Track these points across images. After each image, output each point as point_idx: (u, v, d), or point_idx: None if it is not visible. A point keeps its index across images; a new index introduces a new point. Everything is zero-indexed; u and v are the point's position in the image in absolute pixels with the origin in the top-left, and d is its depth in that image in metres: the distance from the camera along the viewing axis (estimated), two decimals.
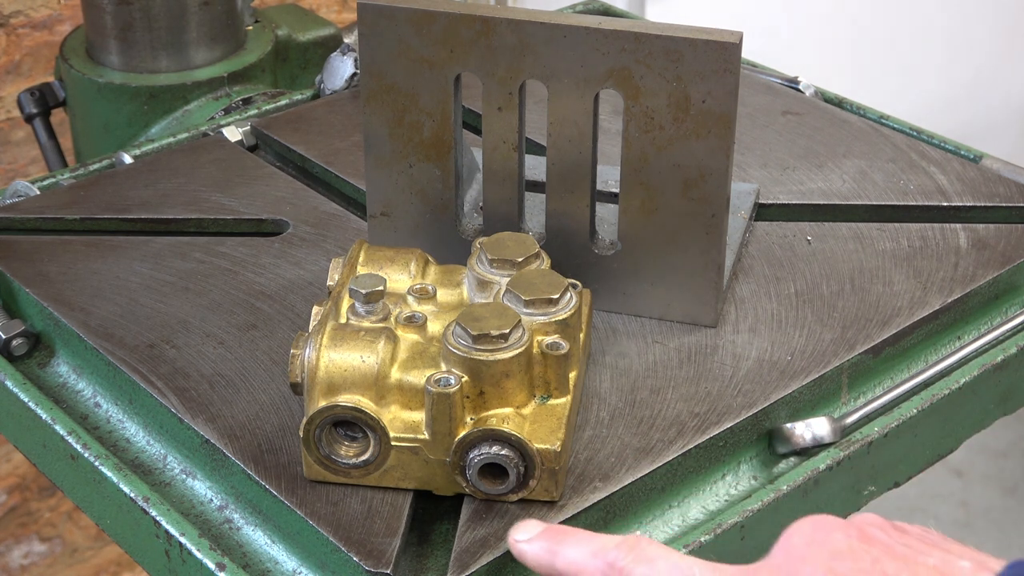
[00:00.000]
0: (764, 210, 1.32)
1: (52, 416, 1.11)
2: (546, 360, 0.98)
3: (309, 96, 1.59)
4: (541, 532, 0.89)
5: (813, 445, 1.07)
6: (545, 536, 0.88)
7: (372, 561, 0.92)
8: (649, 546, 0.84)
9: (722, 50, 1.06)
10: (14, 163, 2.16)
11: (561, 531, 0.89)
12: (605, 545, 0.85)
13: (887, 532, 0.82)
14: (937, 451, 1.16)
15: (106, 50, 1.65)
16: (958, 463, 3.24)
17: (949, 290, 1.20)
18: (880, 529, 0.82)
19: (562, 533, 0.88)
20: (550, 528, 0.89)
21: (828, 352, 1.12)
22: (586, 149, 1.13)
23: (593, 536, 0.87)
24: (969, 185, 1.34)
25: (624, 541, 0.85)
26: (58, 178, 1.44)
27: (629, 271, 1.16)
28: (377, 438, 0.96)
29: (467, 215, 1.21)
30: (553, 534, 0.88)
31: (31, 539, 2.40)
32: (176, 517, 1.00)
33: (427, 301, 1.04)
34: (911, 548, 0.80)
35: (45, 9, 2.11)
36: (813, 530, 0.82)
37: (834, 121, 1.47)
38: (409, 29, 1.12)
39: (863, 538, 0.80)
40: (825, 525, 0.82)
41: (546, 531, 0.89)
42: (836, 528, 0.81)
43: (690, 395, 1.08)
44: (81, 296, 1.21)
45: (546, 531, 0.89)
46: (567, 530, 0.89)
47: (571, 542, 0.87)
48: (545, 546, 0.88)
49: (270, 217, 1.32)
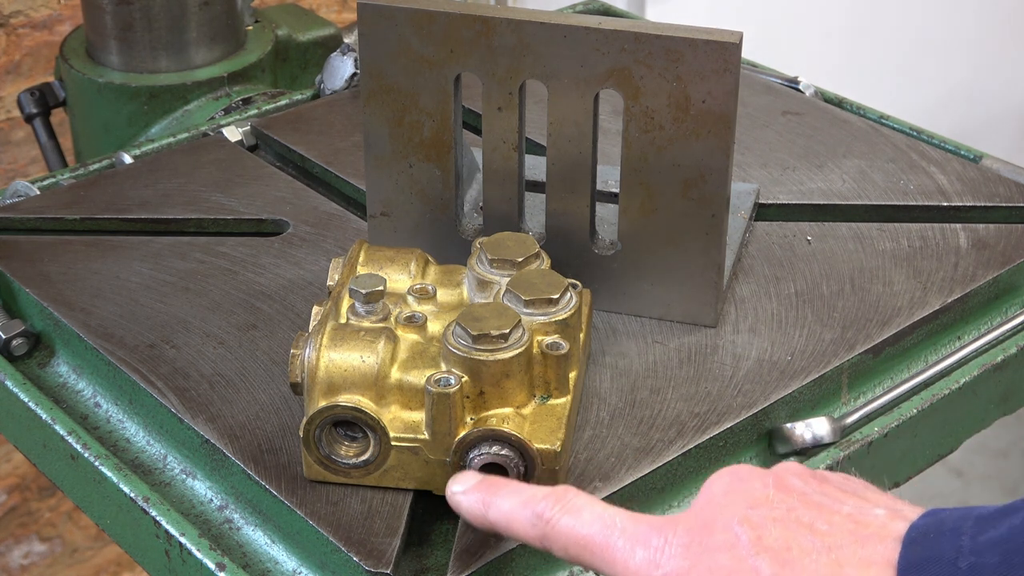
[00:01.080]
0: (764, 210, 1.32)
1: (52, 416, 1.11)
2: (546, 360, 0.98)
3: (309, 96, 1.59)
4: (476, 484, 0.90)
5: (813, 445, 1.07)
6: (480, 487, 0.90)
7: (372, 561, 0.92)
8: (576, 497, 0.85)
9: (722, 50, 1.06)
10: (14, 163, 2.16)
11: (495, 483, 0.90)
12: (534, 496, 0.86)
13: (805, 480, 0.82)
14: (937, 451, 1.16)
15: (106, 50, 1.65)
16: (958, 463, 3.24)
17: (949, 290, 1.20)
18: (798, 478, 0.82)
19: (496, 485, 0.90)
20: (485, 479, 0.91)
21: (828, 352, 1.12)
22: (586, 149, 1.13)
23: (524, 487, 0.88)
24: (969, 185, 1.34)
25: (552, 492, 0.86)
26: (58, 178, 1.44)
27: (629, 271, 1.16)
28: (377, 438, 0.96)
29: (467, 215, 1.21)
30: (487, 486, 0.90)
31: (31, 539, 2.40)
32: (176, 517, 1.00)
33: (427, 301, 1.04)
34: (828, 496, 0.81)
35: (45, 9, 2.11)
36: (731, 479, 0.83)
37: (834, 121, 1.47)
38: (409, 29, 1.12)
39: (780, 487, 0.81)
40: (744, 474, 0.83)
41: (481, 483, 0.90)
42: (754, 477, 0.82)
43: (690, 395, 1.08)
44: (81, 296, 1.21)
45: (481, 483, 0.90)
46: (501, 481, 0.90)
47: (503, 493, 0.88)
48: (479, 497, 0.89)
49: (270, 217, 1.32)
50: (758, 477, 0.82)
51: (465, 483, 0.91)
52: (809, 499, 0.80)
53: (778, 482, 0.82)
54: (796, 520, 0.79)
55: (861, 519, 0.78)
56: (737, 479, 0.82)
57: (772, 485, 0.81)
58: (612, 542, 0.82)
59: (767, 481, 0.82)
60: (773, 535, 0.78)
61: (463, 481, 0.91)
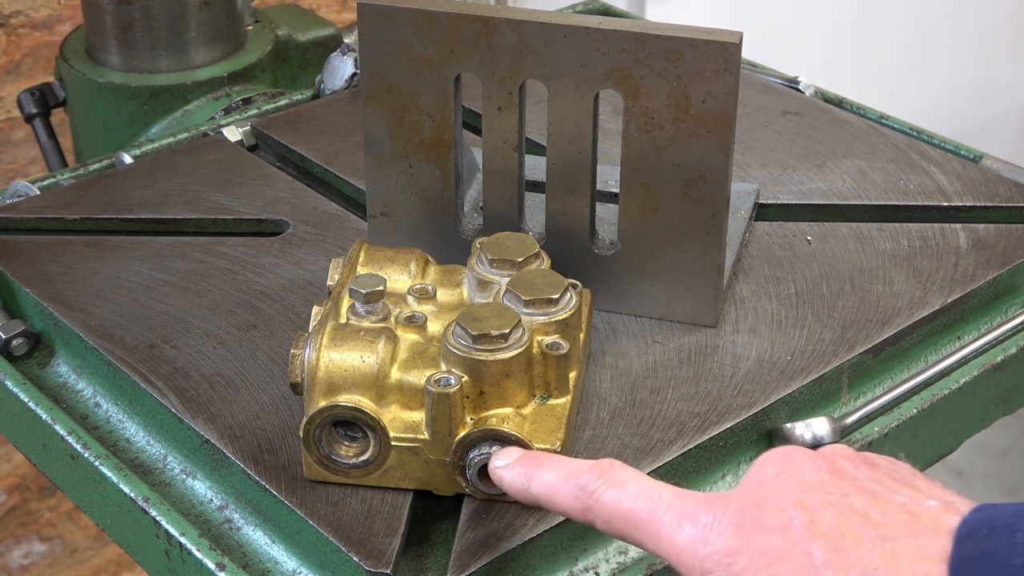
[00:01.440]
0: (764, 210, 1.32)
1: (52, 416, 1.11)
2: (546, 360, 0.98)
3: (309, 96, 1.59)
4: (520, 458, 0.90)
5: (813, 445, 1.06)
6: (522, 462, 0.90)
7: (372, 561, 0.92)
8: (621, 470, 0.85)
9: (722, 50, 1.06)
10: (14, 163, 2.16)
11: (537, 456, 0.90)
12: (578, 469, 0.86)
13: (857, 465, 0.82)
14: (937, 451, 1.16)
15: (106, 50, 1.65)
16: (958, 463, 3.24)
17: (949, 290, 1.20)
18: (850, 462, 0.82)
19: (538, 459, 0.89)
20: (528, 454, 0.91)
21: (828, 352, 1.12)
22: (586, 149, 1.13)
23: (568, 460, 0.88)
24: (969, 185, 1.34)
25: (596, 465, 0.85)
26: (58, 178, 1.44)
27: (629, 271, 1.16)
28: (377, 438, 0.96)
29: (467, 215, 1.21)
30: (530, 459, 0.90)
31: (31, 539, 2.40)
32: (176, 517, 1.00)
33: (427, 301, 1.04)
34: (880, 484, 0.80)
35: (45, 9, 2.11)
36: (784, 461, 0.82)
37: (834, 121, 1.47)
38: (409, 29, 1.12)
39: (833, 471, 0.81)
40: (796, 456, 0.82)
41: (524, 456, 0.90)
42: (807, 459, 0.81)
43: (690, 395, 1.08)
44: (81, 296, 1.21)
45: (524, 456, 0.90)
46: (543, 456, 0.90)
47: (547, 467, 0.88)
48: (521, 471, 0.89)
49: (270, 217, 1.32)
50: (810, 459, 0.81)
51: (507, 458, 0.91)
52: (862, 486, 0.79)
53: (831, 466, 0.81)
54: (850, 507, 0.78)
55: (915, 510, 0.77)
56: (789, 460, 0.81)
57: (825, 469, 0.80)
58: (658, 516, 0.81)
59: (820, 464, 0.81)
60: (827, 520, 0.77)
61: (505, 456, 0.91)
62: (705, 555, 0.79)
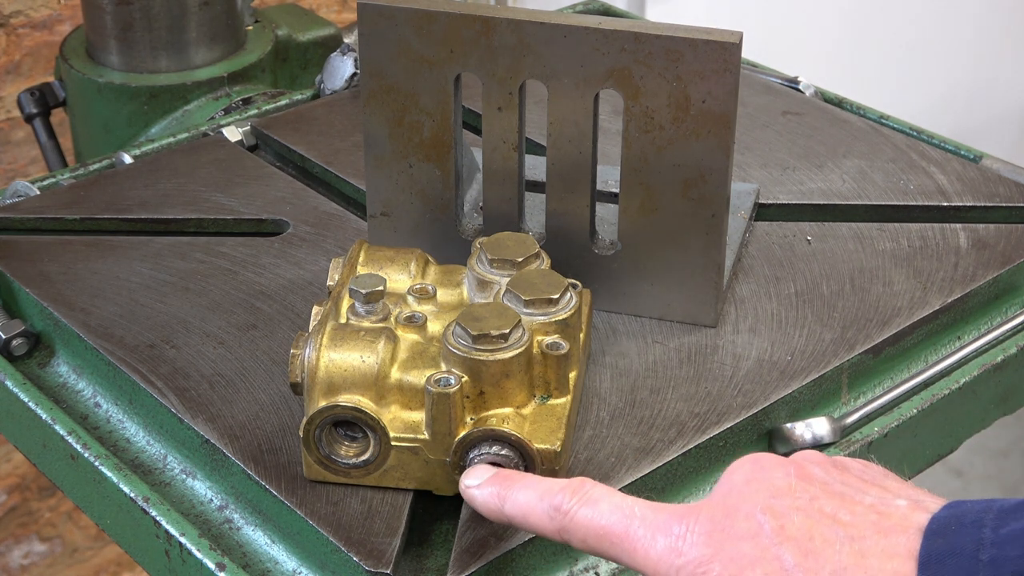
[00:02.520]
0: (764, 210, 1.32)
1: (52, 416, 1.11)
2: (546, 360, 0.98)
3: (309, 96, 1.59)
4: (491, 477, 0.90)
5: (813, 445, 1.07)
6: (494, 481, 0.90)
7: (372, 561, 0.92)
8: (593, 488, 0.85)
9: (722, 50, 1.06)
10: (14, 163, 2.16)
11: (510, 476, 0.90)
12: (550, 489, 0.86)
13: (826, 469, 0.82)
14: (937, 451, 1.16)
15: (106, 50, 1.65)
16: (958, 463, 3.24)
17: (949, 290, 1.20)
18: (819, 466, 0.82)
19: (511, 478, 0.89)
20: (500, 473, 0.91)
21: (828, 352, 1.12)
22: (586, 149, 1.13)
23: (540, 480, 0.88)
24: (969, 185, 1.34)
25: (569, 484, 0.86)
26: (58, 178, 1.44)
27: (629, 271, 1.16)
28: (377, 438, 0.96)
29: (467, 215, 1.21)
30: (502, 479, 0.90)
31: (31, 539, 2.40)
32: (176, 517, 1.00)
33: (427, 301, 1.04)
34: (849, 486, 0.81)
35: (45, 9, 2.11)
36: (753, 468, 0.82)
37: (834, 121, 1.47)
38: (409, 29, 1.12)
39: (802, 476, 0.81)
40: (765, 463, 0.83)
41: (496, 476, 0.90)
42: (776, 466, 0.82)
43: (690, 395, 1.08)
44: (81, 296, 1.21)
45: (496, 476, 0.90)
46: (516, 475, 0.90)
47: (519, 486, 0.88)
48: (494, 491, 0.89)
49: (270, 217, 1.32)
50: (779, 466, 0.82)
51: (479, 477, 0.91)
52: (831, 488, 0.80)
53: (800, 471, 0.82)
54: (819, 510, 0.79)
55: (883, 510, 0.78)
56: (759, 467, 0.82)
57: (794, 474, 0.81)
58: (632, 531, 0.82)
59: (789, 470, 0.82)
60: (796, 524, 0.78)
61: (476, 475, 0.91)
62: (680, 565, 0.80)
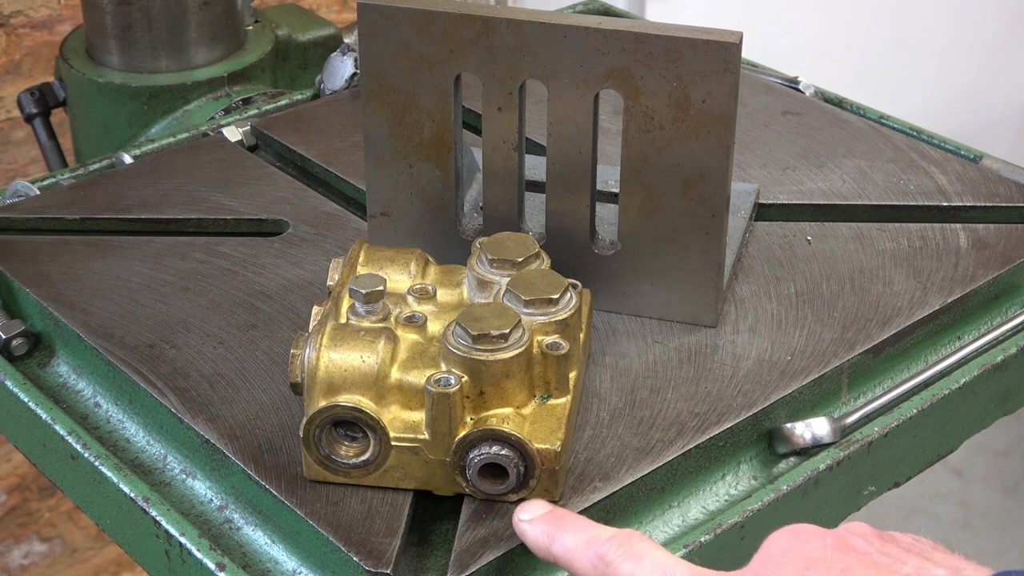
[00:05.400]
0: (764, 210, 1.32)
1: (52, 416, 1.11)
2: (546, 360, 0.98)
3: (309, 96, 1.59)
4: (544, 515, 0.91)
5: (813, 445, 1.07)
6: (547, 519, 0.91)
7: (372, 561, 0.92)
8: (640, 543, 0.86)
9: (722, 50, 1.06)
10: (14, 163, 2.16)
11: (562, 516, 0.91)
12: (599, 537, 0.87)
13: (869, 541, 0.82)
14: (937, 451, 1.16)
15: (106, 50, 1.65)
16: (958, 463, 3.24)
17: (949, 290, 1.20)
18: (862, 538, 0.82)
19: (562, 519, 0.91)
20: (554, 511, 0.92)
21: (828, 352, 1.12)
22: (586, 149, 1.13)
23: (590, 526, 0.89)
24: (969, 185, 1.34)
25: (617, 535, 0.87)
26: (58, 178, 1.44)
27: (629, 271, 1.16)
28: (377, 438, 0.96)
29: (467, 215, 1.21)
30: (555, 518, 0.91)
31: (31, 539, 2.40)
32: (176, 517, 1.00)
33: (427, 301, 1.04)
34: (889, 557, 0.80)
35: (45, 9, 2.11)
36: (791, 539, 0.82)
37: (834, 121, 1.47)
38: (409, 29, 1.12)
39: (840, 547, 0.81)
40: (804, 534, 0.83)
41: (550, 514, 0.91)
42: (814, 537, 0.82)
43: (690, 395, 1.08)
44: (81, 296, 1.21)
45: (550, 514, 0.91)
46: (567, 516, 0.91)
47: (569, 529, 0.89)
48: (545, 529, 0.90)
49: (270, 217, 1.32)
50: (818, 537, 0.82)
51: (533, 512, 0.92)
52: (869, 559, 0.80)
53: (838, 542, 0.81)
54: None
55: None
56: (797, 538, 0.82)
57: (831, 545, 0.81)
58: None
59: (827, 541, 0.81)
60: None
61: (531, 510, 0.92)
62: None
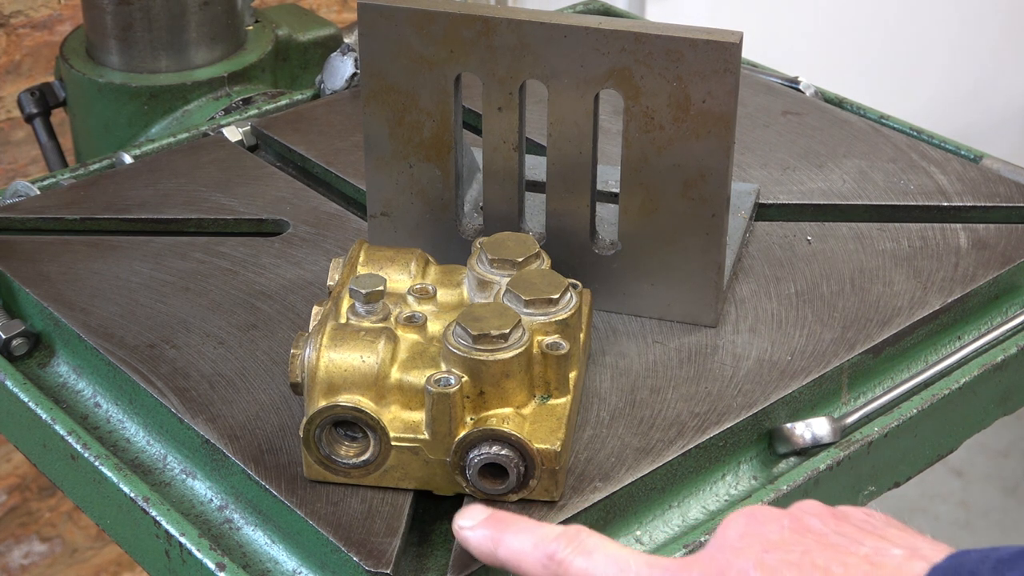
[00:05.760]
0: (764, 210, 1.32)
1: (52, 416, 1.11)
2: (546, 360, 0.98)
3: (309, 96, 1.59)
4: (485, 519, 0.89)
5: (813, 445, 1.07)
6: (488, 524, 0.89)
7: (372, 561, 0.92)
8: (589, 537, 0.84)
9: (722, 50, 1.06)
10: (14, 163, 2.16)
11: (504, 519, 0.89)
12: (546, 536, 0.85)
13: (824, 520, 0.82)
14: (937, 451, 1.16)
15: (106, 50, 1.65)
16: (958, 463, 3.24)
17: (949, 290, 1.20)
18: (817, 517, 0.82)
19: (505, 521, 0.88)
20: (494, 515, 0.89)
21: (828, 352, 1.12)
22: (586, 149, 1.13)
23: (535, 526, 0.87)
24: (969, 185, 1.34)
25: (564, 532, 0.85)
26: (58, 178, 1.44)
27: (629, 271, 1.16)
28: (377, 438, 0.97)
29: (467, 215, 1.21)
30: (496, 522, 0.88)
31: (31, 539, 2.40)
32: (176, 517, 1.00)
33: (427, 301, 1.04)
34: (845, 536, 0.80)
35: (45, 9, 2.11)
36: (747, 522, 0.82)
37: (834, 121, 1.47)
38: (409, 29, 1.12)
39: (797, 528, 0.81)
40: (760, 516, 0.82)
41: (490, 518, 0.89)
42: (770, 519, 0.82)
43: (690, 395, 1.08)
44: (81, 296, 1.21)
45: (490, 518, 0.89)
46: (510, 518, 0.89)
47: (513, 531, 0.87)
48: (488, 534, 0.88)
49: (270, 217, 1.32)
50: (774, 519, 0.82)
51: (473, 518, 0.89)
52: (826, 540, 0.80)
53: (794, 523, 0.81)
54: (811, 563, 0.78)
55: (878, 560, 0.77)
56: (753, 521, 0.82)
57: (788, 527, 0.81)
58: None
59: (783, 523, 0.81)
60: None
61: (471, 516, 0.90)
62: None
